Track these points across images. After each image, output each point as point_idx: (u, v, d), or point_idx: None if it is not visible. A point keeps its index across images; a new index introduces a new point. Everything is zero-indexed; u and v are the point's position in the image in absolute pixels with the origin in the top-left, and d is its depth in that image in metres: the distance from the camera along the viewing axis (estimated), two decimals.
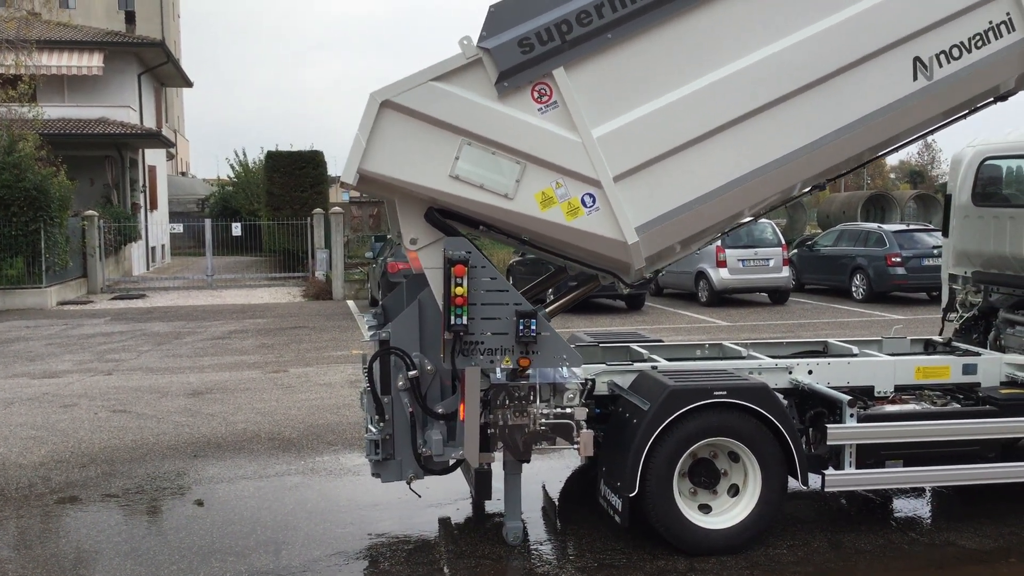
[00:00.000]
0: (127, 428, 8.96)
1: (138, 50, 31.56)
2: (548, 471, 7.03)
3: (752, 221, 6.49)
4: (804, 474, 5.39)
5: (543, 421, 5.28)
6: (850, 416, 5.51)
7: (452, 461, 5.55)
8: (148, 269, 32.32)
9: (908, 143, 5.89)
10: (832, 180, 6.02)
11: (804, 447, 5.63)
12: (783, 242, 19.55)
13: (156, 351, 14.13)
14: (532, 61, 4.96)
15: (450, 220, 5.20)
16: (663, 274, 18.73)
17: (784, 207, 6.46)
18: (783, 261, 19.21)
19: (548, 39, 4.95)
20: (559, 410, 5.31)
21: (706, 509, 5.45)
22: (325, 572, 5.36)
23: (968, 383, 6.17)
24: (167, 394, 10.63)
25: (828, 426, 5.49)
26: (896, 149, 5.87)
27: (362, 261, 24.56)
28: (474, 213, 5.15)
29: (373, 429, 5.53)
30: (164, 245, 36.57)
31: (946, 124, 5.83)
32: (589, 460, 5.93)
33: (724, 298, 19.36)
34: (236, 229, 27.24)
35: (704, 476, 5.44)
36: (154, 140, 31.19)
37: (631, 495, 5.22)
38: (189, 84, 39.26)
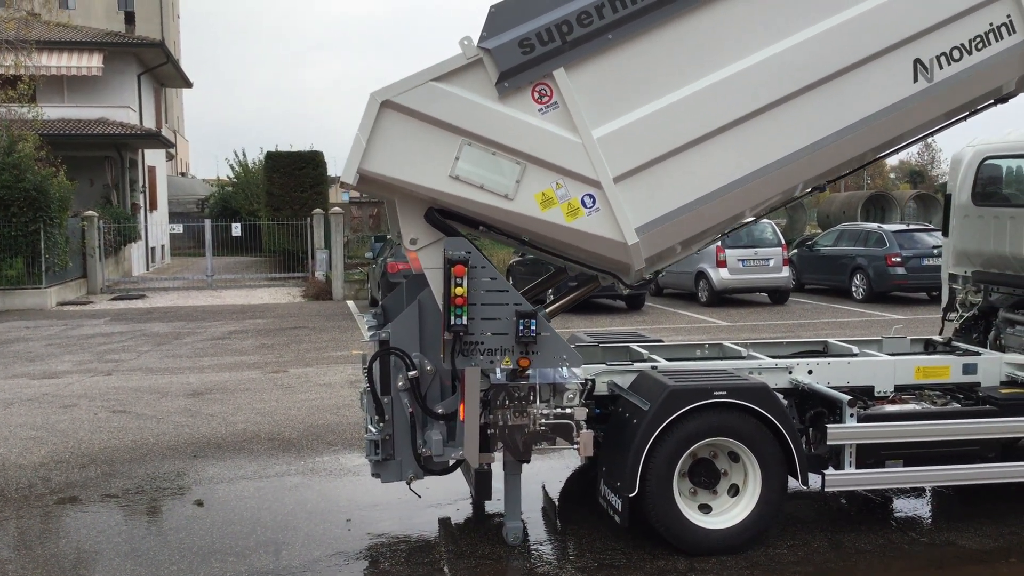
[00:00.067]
0: (127, 428, 8.96)
1: (138, 50, 31.56)
2: (548, 471, 7.04)
3: (753, 222, 6.50)
4: (804, 474, 5.39)
5: (543, 421, 5.28)
6: (850, 416, 5.51)
7: (452, 461, 5.55)
8: (148, 269, 32.32)
9: (909, 144, 5.89)
10: (833, 181, 6.02)
11: (804, 447, 5.64)
12: (783, 242, 19.55)
13: (156, 351, 14.13)
14: (533, 62, 4.96)
15: (450, 220, 5.20)
16: (663, 274, 18.73)
17: (784, 207, 6.45)
18: (783, 261, 19.21)
19: (549, 40, 4.95)
20: (559, 410, 5.31)
21: (706, 509, 5.45)
22: (325, 572, 5.36)
23: (968, 383, 6.17)
24: (167, 394, 10.63)
25: (828, 426, 5.49)
26: (897, 150, 5.87)
27: (362, 261, 24.56)
28: (474, 213, 5.15)
29: (373, 429, 5.53)
30: (164, 245, 36.56)
31: (947, 126, 5.83)
32: (589, 460, 5.93)
33: (724, 298, 19.36)
34: (236, 229, 27.24)
35: (704, 476, 5.44)
36: (154, 140, 31.20)
37: (631, 495, 5.22)
38: (189, 84, 39.26)
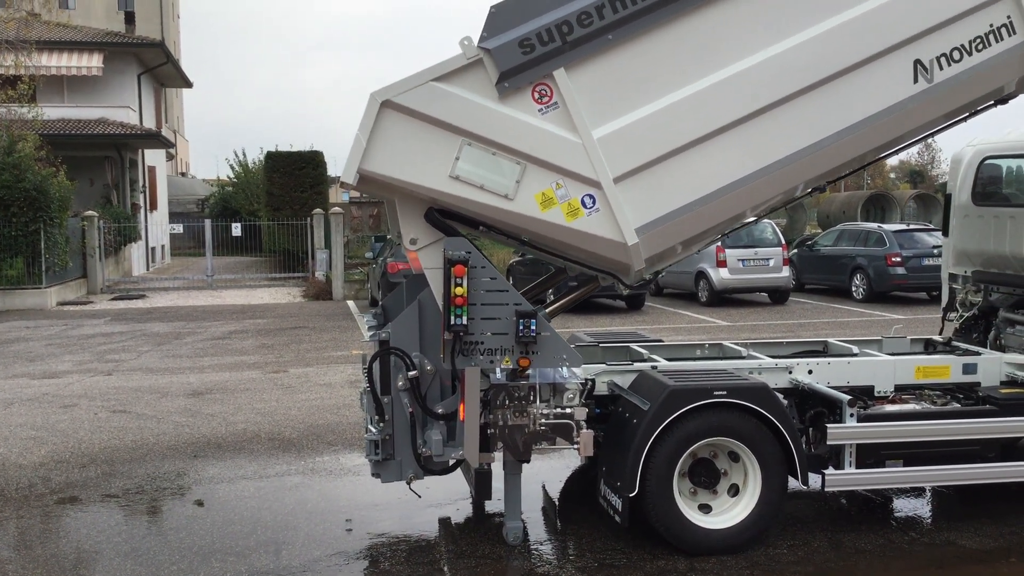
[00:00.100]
0: (127, 428, 8.96)
1: (138, 50, 31.57)
2: (548, 471, 7.04)
3: (753, 222, 6.50)
4: (804, 474, 5.39)
5: (543, 421, 5.28)
6: (850, 416, 5.51)
7: (452, 461, 5.55)
8: (148, 269, 32.32)
9: (910, 145, 5.89)
10: (833, 182, 6.02)
11: (804, 447, 5.64)
12: (783, 242, 19.55)
13: (156, 351, 14.13)
14: (533, 62, 4.96)
15: (450, 220, 5.20)
16: (663, 274, 18.74)
17: (784, 207, 6.45)
18: (783, 261, 19.21)
19: (549, 40, 4.95)
20: (559, 410, 5.31)
21: (706, 509, 5.45)
22: (325, 572, 5.36)
23: (968, 383, 6.17)
24: (167, 394, 10.64)
25: (828, 426, 5.49)
26: (898, 150, 5.87)
27: (362, 261, 24.55)
28: (474, 213, 5.15)
29: (373, 429, 5.53)
30: (164, 245, 36.57)
31: (947, 126, 5.83)
32: (589, 460, 5.93)
33: (724, 298, 19.36)
34: (236, 229, 27.25)
35: (704, 476, 5.44)
36: (154, 140, 31.21)
37: (631, 495, 5.22)
38: (189, 84, 39.27)
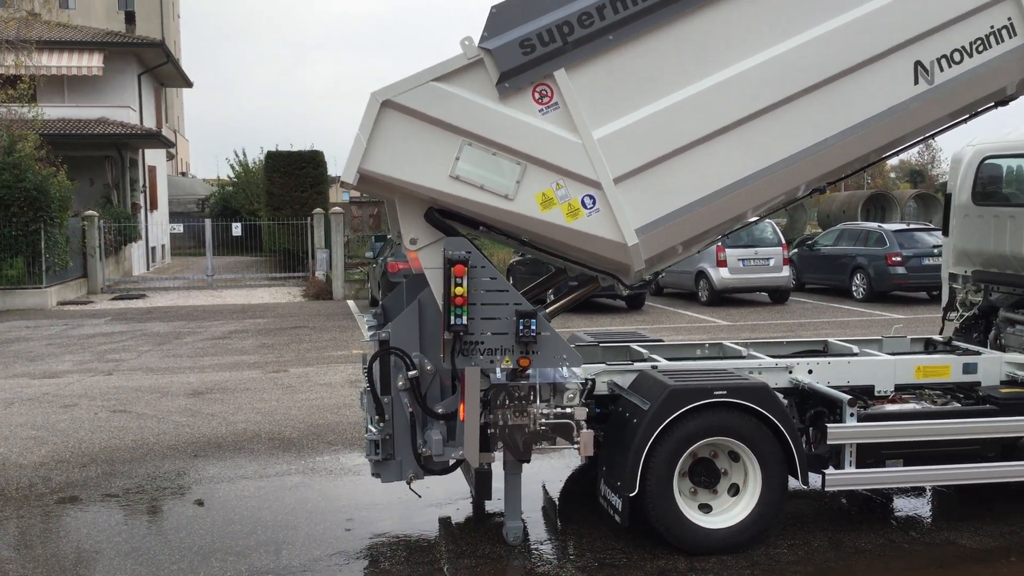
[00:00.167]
0: (127, 428, 8.97)
1: (138, 50, 31.56)
2: (548, 471, 7.04)
3: (755, 222, 6.50)
4: (804, 473, 5.40)
5: (543, 421, 5.28)
6: (850, 415, 5.51)
7: (452, 461, 5.55)
8: (148, 269, 32.32)
9: (912, 145, 5.89)
10: (834, 182, 6.02)
11: (804, 446, 5.63)
12: (783, 241, 19.54)
13: (156, 351, 14.14)
14: (533, 62, 4.96)
15: (450, 220, 5.20)
16: (663, 274, 18.74)
17: (784, 208, 6.46)
18: (783, 260, 19.21)
19: (550, 40, 4.95)
20: (559, 410, 5.31)
21: (706, 509, 5.46)
22: (325, 571, 5.36)
23: (968, 382, 6.16)
24: (167, 394, 10.64)
25: (828, 425, 5.49)
26: (900, 151, 5.88)
27: (362, 261, 24.57)
28: (474, 213, 5.16)
29: (373, 429, 5.54)
30: (164, 245, 36.57)
31: (948, 127, 5.83)
32: (589, 460, 5.93)
33: (724, 298, 19.36)
34: (236, 229, 27.25)
35: (704, 476, 5.44)
36: (154, 140, 31.20)
37: (631, 495, 5.22)
38: (189, 84, 39.26)
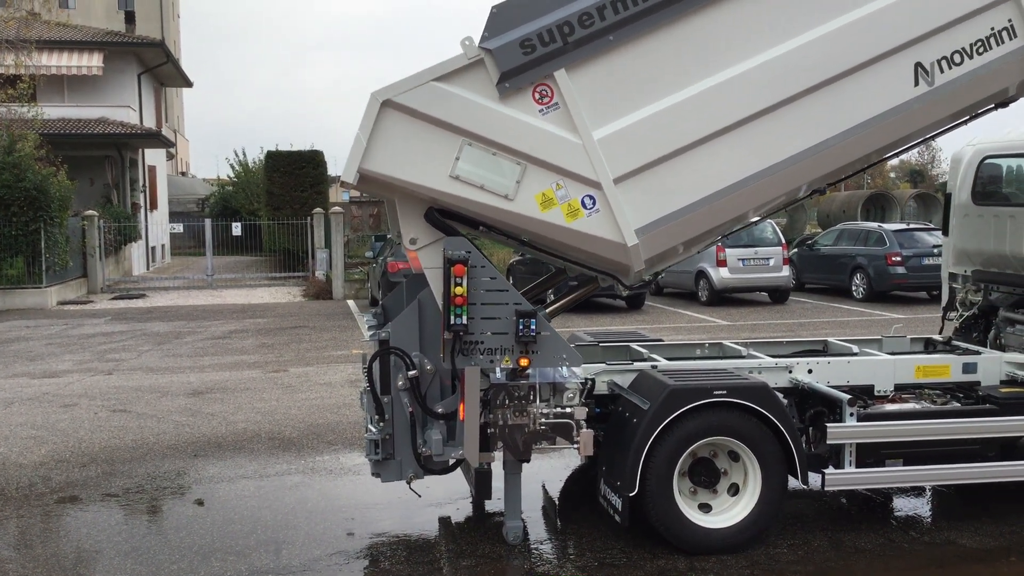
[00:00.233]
0: (127, 428, 8.97)
1: (138, 50, 31.57)
2: (548, 471, 7.04)
3: (755, 223, 6.50)
4: (804, 473, 5.40)
5: (543, 421, 5.28)
6: (850, 415, 5.51)
7: (452, 461, 5.55)
8: (148, 269, 32.33)
9: (914, 146, 5.89)
10: (835, 183, 6.02)
11: (804, 446, 5.63)
12: (783, 241, 19.55)
13: (156, 351, 14.14)
14: (534, 62, 4.96)
15: (450, 220, 5.20)
16: (663, 274, 18.74)
17: (785, 208, 6.46)
18: (783, 260, 19.21)
19: (550, 40, 4.95)
20: (559, 410, 5.31)
21: (706, 508, 5.46)
22: (325, 571, 5.36)
23: (968, 382, 6.16)
24: (167, 394, 10.64)
25: (828, 425, 5.49)
26: (901, 151, 5.88)
27: (362, 261, 24.55)
28: (474, 213, 5.16)
29: (373, 429, 5.54)
30: (164, 245, 36.57)
31: (949, 128, 5.83)
32: (589, 460, 5.93)
33: (724, 297, 19.36)
34: (236, 229, 27.25)
35: (704, 475, 5.45)
36: (154, 140, 31.20)
37: (631, 494, 5.22)
38: (189, 84, 39.27)
